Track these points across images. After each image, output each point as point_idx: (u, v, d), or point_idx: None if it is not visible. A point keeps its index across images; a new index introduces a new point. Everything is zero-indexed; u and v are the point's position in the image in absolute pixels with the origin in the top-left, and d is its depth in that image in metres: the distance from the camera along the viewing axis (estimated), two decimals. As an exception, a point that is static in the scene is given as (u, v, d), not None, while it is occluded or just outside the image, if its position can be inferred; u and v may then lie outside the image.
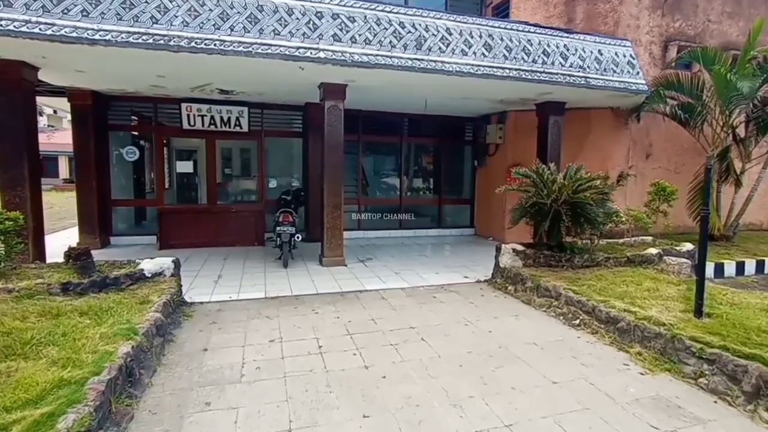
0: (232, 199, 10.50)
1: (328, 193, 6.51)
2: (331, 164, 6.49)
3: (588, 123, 8.49)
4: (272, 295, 5.15)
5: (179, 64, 5.32)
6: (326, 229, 6.55)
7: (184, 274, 5.97)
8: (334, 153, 6.48)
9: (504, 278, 5.71)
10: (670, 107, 7.94)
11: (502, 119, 9.23)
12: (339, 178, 6.56)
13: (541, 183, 5.57)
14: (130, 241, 8.06)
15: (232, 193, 10.54)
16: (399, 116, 9.52)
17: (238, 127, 8.41)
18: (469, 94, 7.27)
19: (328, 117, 6.41)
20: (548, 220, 5.26)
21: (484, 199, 10.04)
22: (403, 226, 9.87)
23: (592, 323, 4.14)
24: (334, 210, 6.55)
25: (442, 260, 7.34)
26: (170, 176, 9.60)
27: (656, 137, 8.81)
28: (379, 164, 10.47)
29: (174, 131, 8.45)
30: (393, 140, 9.99)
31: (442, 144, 10.15)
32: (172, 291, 4.32)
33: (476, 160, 10.26)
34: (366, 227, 9.57)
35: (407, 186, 10.36)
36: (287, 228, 6.36)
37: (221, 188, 10.45)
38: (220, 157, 10.70)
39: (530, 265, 5.70)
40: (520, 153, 8.98)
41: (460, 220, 10.58)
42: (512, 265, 5.74)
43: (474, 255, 7.81)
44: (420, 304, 4.95)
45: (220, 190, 10.51)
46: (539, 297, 5.00)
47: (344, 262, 6.69)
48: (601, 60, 6.55)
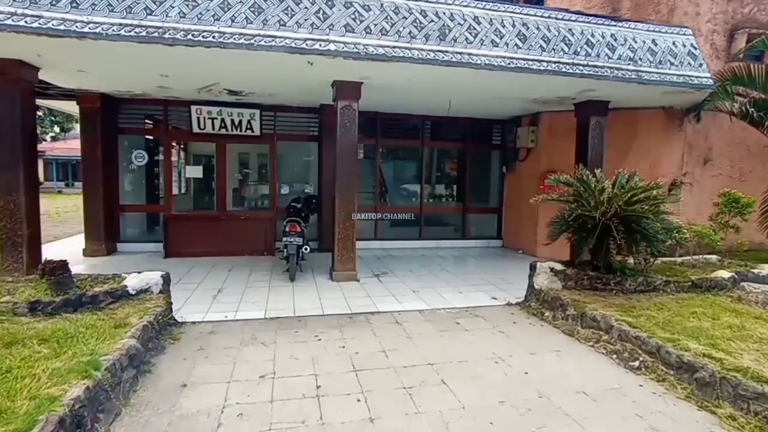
0: (243, 205, 10.11)
1: (339, 201, 5.92)
2: (343, 169, 5.90)
3: (634, 125, 7.58)
4: (272, 315, 4.57)
5: (178, 60, 4.88)
6: (337, 241, 5.95)
7: (183, 286, 5.53)
8: (347, 157, 5.89)
9: (540, 302, 4.93)
10: (739, 105, 6.92)
11: (534, 121, 8.43)
12: (352, 184, 5.96)
13: (586, 193, 4.78)
14: (138, 248, 7.71)
15: (242, 199, 10.14)
16: (420, 119, 8.87)
17: (249, 131, 7.98)
18: (499, 92, 6.54)
19: (341, 118, 5.83)
20: (595, 237, 4.46)
21: (514, 209, 9.22)
22: (424, 237, 9.17)
23: (657, 367, 3.32)
24: (346, 219, 5.94)
25: (466, 276, 6.59)
26: (180, 181, 9.30)
27: (717, 140, 7.78)
28: (398, 170, 9.83)
29: (184, 135, 8.11)
30: (414, 144, 9.33)
31: (467, 148, 9.41)
32: (158, 310, 3.79)
33: (505, 166, 9.46)
34: (383, 237, 8.93)
35: (429, 193, 9.66)
36: (294, 239, 5.80)
37: (232, 194, 10.09)
38: (232, 162, 10.35)
39: (571, 287, 4.90)
40: (555, 158, 8.14)
41: (486, 230, 9.77)
42: (550, 286, 4.96)
43: (502, 271, 7.02)
44: (440, 332, 4.24)
45: (230, 196, 10.16)
46: (584, 328, 4.20)
47: (356, 277, 6.06)
48: (655, 51, 5.70)
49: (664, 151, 7.56)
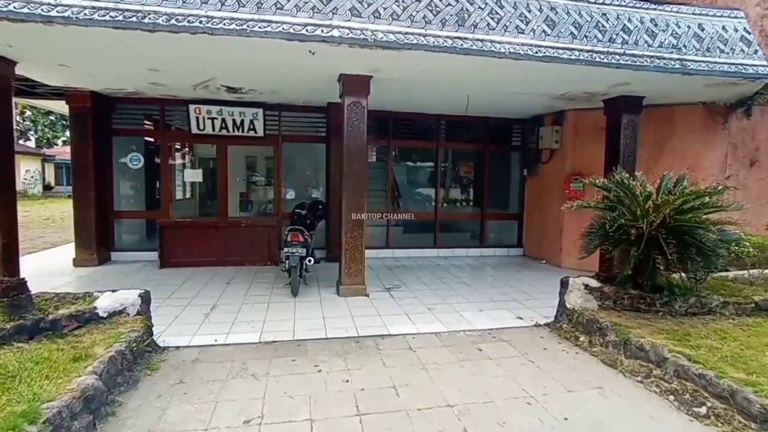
0: (249, 211, 9.66)
1: (347, 208, 5.37)
2: (351, 172, 5.35)
3: (670, 123, 6.88)
4: (269, 338, 4.01)
5: (164, 50, 4.39)
6: (344, 251, 5.39)
7: (174, 301, 5.03)
8: (356, 159, 5.34)
9: (573, 324, 4.29)
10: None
11: (558, 120, 7.77)
12: (361, 189, 5.40)
13: (628, 199, 4.13)
14: (134, 257, 7.27)
15: (246, 205, 9.70)
16: (435, 118, 8.29)
17: (252, 131, 7.50)
18: (522, 87, 5.93)
19: (349, 116, 5.29)
20: (640, 250, 3.81)
21: (536, 215, 8.55)
22: (439, 245, 8.56)
23: (734, 418, 2.67)
24: (355, 228, 5.38)
25: (486, 290, 5.96)
26: (185, 186, 8.88)
27: (765, 139, 7.01)
28: (412, 173, 9.26)
29: (182, 136, 7.68)
30: (428, 145, 8.75)
31: (485, 150, 8.77)
32: (133, 336, 3.28)
33: (526, 169, 8.80)
34: (395, 245, 8.35)
35: (444, 198, 9.06)
36: (296, 250, 5.25)
37: (239, 200, 9.64)
38: (236, 165, 9.91)
39: (609, 307, 4.25)
40: (581, 160, 7.49)
41: (506, 238, 9.12)
42: (584, 306, 4.31)
43: (526, 284, 6.37)
44: (461, 361, 3.64)
45: (233, 201, 9.71)
46: (629, 358, 3.55)
47: (365, 291, 5.49)
48: (702, 37, 5.03)
49: (704, 151, 6.83)
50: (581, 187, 7.37)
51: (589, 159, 7.39)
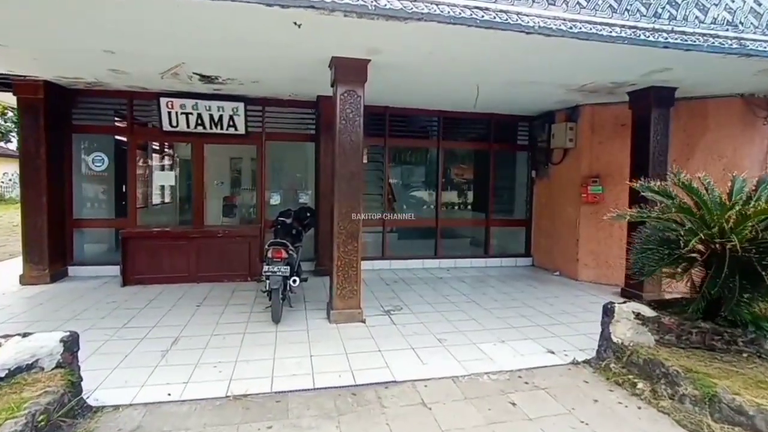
0: (230, 217, 8.73)
1: (340, 216, 4.49)
2: (344, 174, 4.47)
3: (702, 118, 6.12)
4: (239, 390, 3.10)
5: (116, 24, 3.48)
6: (336, 268, 4.51)
7: (128, 333, 4.08)
8: (350, 157, 4.47)
9: (624, 363, 3.44)
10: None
11: (571, 116, 6.98)
12: (356, 193, 4.52)
13: (698, 208, 3.30)
14: (96, 272, 6.30)
15: (229, 210, 8.76)
16: (436, 114, 7.45)
17: (232, 128, 6.60)
18: (541, 75, 5.11)
19: (342, 107, 4.42)
20: (722, 274, 2.98)
21: (546, 221, 7.75)
22: (440, 254, 7.72)
23: None
24: (349, 240, 4.50)
25: (501, 312, 5.11)
26: (164, 191, 7.93)
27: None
28: (409, 175, 8.42)
29: (152, 134, 6.74)
30: (428, 145, 7.92)
31: (489, 150, 7.93)
32: (43, 403, 2.36)
33: (534, 171, 8.00)
34: (392, 255, 7.48)
35: (445, 202, 8.21)
36: (278, 269, 4.35)
37: (214, 205, 8.72)
38: (217, 167, 8.99)
39: (671, 343, 3.41)
40: (599, 161, 6.71)
41: (513, 246, 8.31)
42: (636, 341, 3.48)
43: (544, 302, 5.54)
44: (491, 425, 2.76)
45: (211, 207, 8.77)
46: (720, 422, 2.71)
47: (361, 317, 4.60)
48: (760, 13, 4.25)
49: (742, 150, 6.08)
50: (600, 191, 6.64)
51: (608, 159, 6.63)
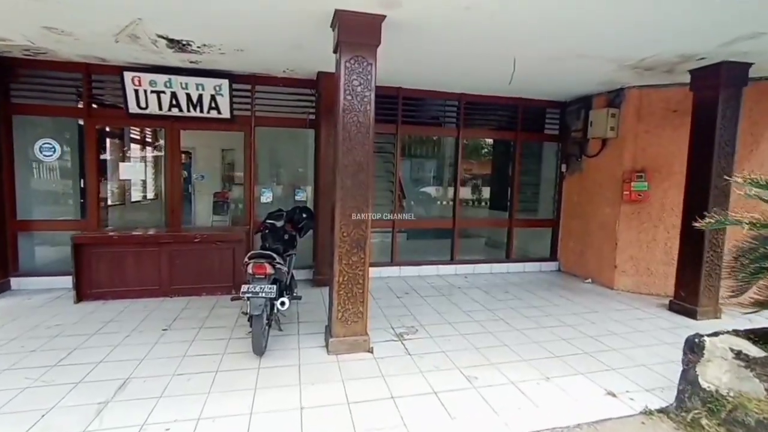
0: (222, 215, 7.80)
1: (342, 219, 3.51)
2: (349, 165, 3.48)
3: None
4: (198, 473, 2.15)
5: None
6: (337, 286, 3.53)
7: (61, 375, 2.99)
8: (356, 145, 3.48)
9: (721, 420, 2.52)
10: None
11: (613, 101, 6.00)
12: (363, 190, 3.53)
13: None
14: (48, 283, 5.24)
15: (220, 208, 7.84)
16: (455, 98, 6.43)
17: (214, 111, 5.59)
18: (594, 45, 4.09)
19: (347, 78, 3.42)
20: None
21: (577, 222, 6.80)
22: (456, 259, 6.76)
23: None
24: (353, 250, 3.53)
25: (537, 334, 4.16)
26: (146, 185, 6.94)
27: None
28: (422, 169, 7.45)
29: (116, 116, 5.69)
30: (445, 133, 6.94)
31: (516, 140, 6.93)
32: None
33: (564, 164, 7.03)
34: (403, 260, 6.52)
35: (463, 200, 7.24)
36: (261, 288, 3.35)
37: (198, 203, 7.78)
38: (206, 157, 8.07)
39: (798, 399, 2.48)
40: (646, 153, 5.75)
41: (537, 249, 7.36)
42: (739, 389, 2.56)
43: (584, 320, 4.60)
44: None
45: (196, 205, 7.82)
46: None
47: (368, 345, 3.64)
48: None
49: (820, 141, 5.14)
50: (646, 188, 5.69)
51: (655, 151, 5.68)
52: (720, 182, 4.53)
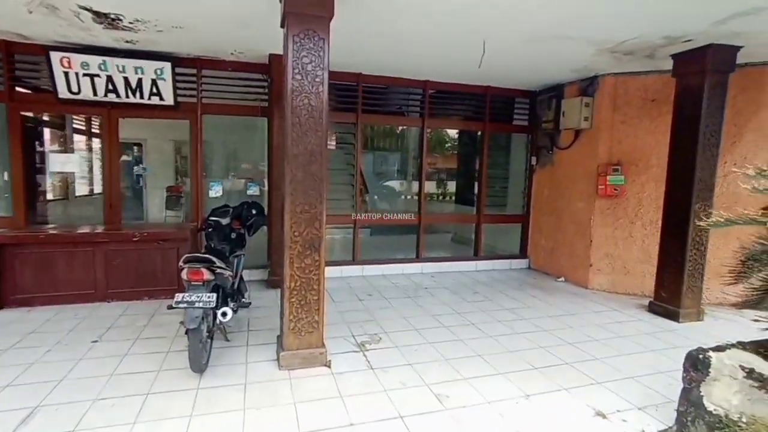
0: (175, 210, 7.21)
1: (293, 217, 3.08)
2: (300, 155, 3.06)
3: (757, 91, 4.85)
4: None
5: None
6: (288, 292, 3.12)
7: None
8: (308, 132, 3.06)
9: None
10: None
11: (587, 90, 5.78)
12: (317, 184, 3.12)
13: None
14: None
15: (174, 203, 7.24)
16: (420, 85, 6.08)
17: (156, 97, 5.03)
18: (576, 25, 3.80)
19: (297, 55, 2.98)
20: None
21: (548, 217, 6.60)
22: (423, 257, 6.45)
23: None
24: (307, 252, 3.12)
25: (512, 340, 3.89)
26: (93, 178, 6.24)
27: None
28: (386, 162, 7.08)
29: (43, 102, 5.03)
30: (409, 123, 6.57)
31: (484, 131, 6.64)
32: None
33: (535, 157, 6.82)
34: (365, 259, 6.15)
35: (429, 195, 6.92)
36: (197, 297, 2.89)
37: (149, 197, 7.16)
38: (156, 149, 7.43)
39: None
40: (622, 145, 5.56)
41: (507, 246, 7.14)
42: (751, 412, 2.30)
43: (561, 322, 4.37)
44: None
45: (147, 200, 7.20)
46: None
47: (324, 359, 3.25)
48: None
49: (800, 132, 5.04)
50: (622, 182, 5.50)
51: (632, 143, 5.49)
52: (705, 175, 4.33)
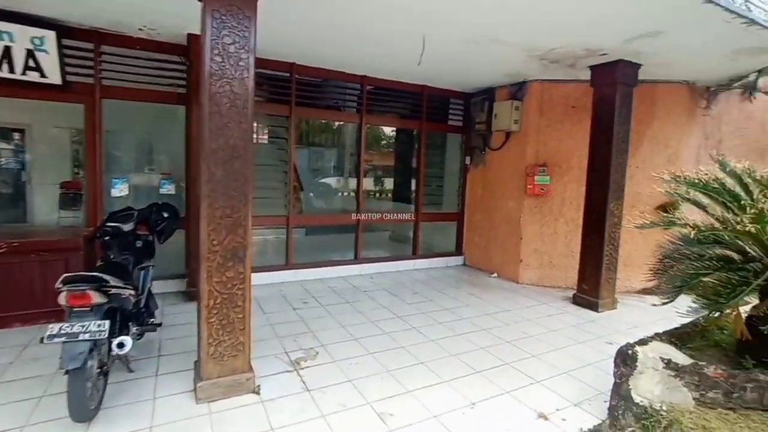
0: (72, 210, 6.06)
1: (211, 222, 2.59)
2: (219, 150, 2.58)
3: (651, 104, 5.52)
4: None
5: None
6: (206, 311, 2.62)
7: None
8: (229, 123, 2.58)
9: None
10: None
11: (517, 94, 5.94)
12: (241, 184, 2.66)
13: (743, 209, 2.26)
14: None
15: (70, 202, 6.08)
16: (358, 80, 5.77)
17: (34, 73, 4.08)
18: (510, 30, 3.78)
19: (216, 34, 2.49)
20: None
21: (481, 215, 6.72)
22: (361, 257, 6.18)
23: None
24: (228, 263, 2.65)
25: (454, 343, 3.76)
26: None
27: (727, 131, 6.16)
28: (322, 158, 6.68)
29: None
30: (347, 118, 6.25)
31: (421, 129, 6.55)
32: None
33: (469, 156, 6.90)
34: (300, 263, 5.70)
35: (367, 193, 6.66)
36: (83, 328, 2.27)
37: (37, 194, 6.01)
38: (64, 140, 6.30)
39: (718, 403, 2.38)
40: (547, 147, 5.79)
41: (443, 244, 7.16)
42: (670, 400, 2.39)
43: (498, 320, 4.37)
44: None
45: (33, 197, 6.06)
46: None
47: (252, 384, 2.81)
48: (771, -31, 3.48)
49: (684, 141, 5.66)
50: (548, 182, 5.74)
51: (556, 146, 5.75)
52: (618, 177, 4.65)
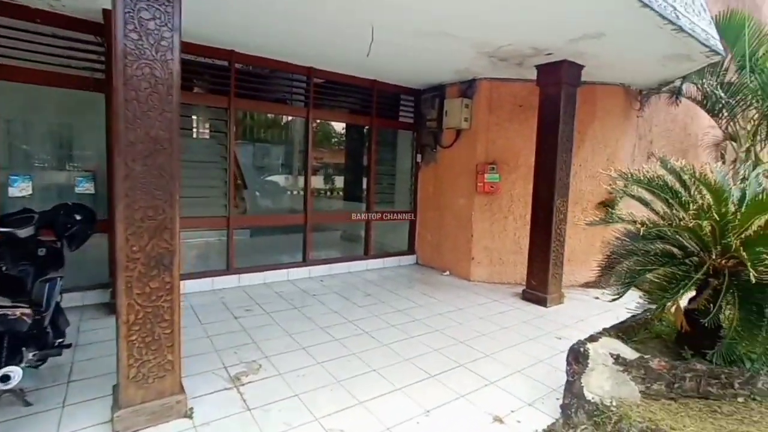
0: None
1: (128, 227, 2.23)
2: (138, 142, 2.22)
3: (591, 105, 5.73)
4: None
5: None
6: (125, 329, 2.26)
7: None
8: (150, 112, 2.23)
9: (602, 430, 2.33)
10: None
11: (467, 91, 5.95)
12: (164, 181, 2.31)
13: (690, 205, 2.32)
14: None
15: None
16: (304, 72, 5.47)
17: None
18: (460, 24, 3.70)
19: (131, 6, 2.13)
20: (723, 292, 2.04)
21: (432, 213, 6.69)
22: (310, 259, 5.89)
23: None
24: (152, 272, 2.30)
25: (407, 346, 3.63)
26: None
27: (657, 132, 6.61)
28: (268, 155, 6.29)
29: None
30: (291, 112, 5.92)
31: (371, 125, 6.37)
32: None
33: (420, 154, 6.83)
34: (243, 267, 5.31)
35: (316, 191, 6.37)
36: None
37: None
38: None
39: (661, 394, 2.43)
40: (496, 145, 5.84)
41: (396, 243, 7.04)
42: (619, 395, 2.41)
43: (451, 320, 4.31)
44: None
45: None
46: None
47: (184, 408, 2.48)
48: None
49: (621, 141, 5.96)
50: (498, 179, 5.80)
51: (504, 144, 5.82)
52: (563, 175, 4.77)
